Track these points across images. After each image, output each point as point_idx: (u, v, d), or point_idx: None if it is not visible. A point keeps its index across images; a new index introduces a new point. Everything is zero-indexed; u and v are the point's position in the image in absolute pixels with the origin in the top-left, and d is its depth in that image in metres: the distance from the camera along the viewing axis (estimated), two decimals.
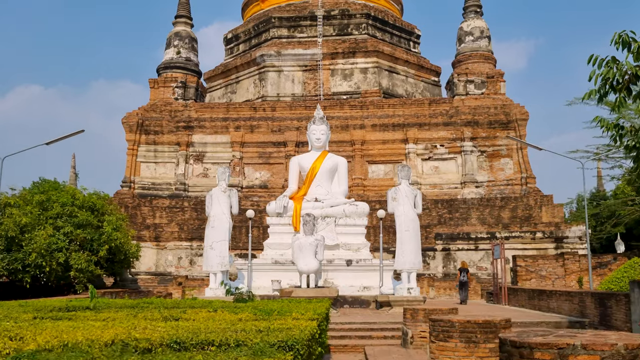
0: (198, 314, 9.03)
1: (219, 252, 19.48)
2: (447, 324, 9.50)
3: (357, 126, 35.79)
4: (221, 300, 12.39)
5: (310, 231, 18.82)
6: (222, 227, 19.65)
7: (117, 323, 7.30)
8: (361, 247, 23.05)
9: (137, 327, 6.69)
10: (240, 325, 6.90)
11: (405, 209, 19.70)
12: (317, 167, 24.16)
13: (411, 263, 19.56)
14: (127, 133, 36.28)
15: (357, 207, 23.44)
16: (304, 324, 7.15)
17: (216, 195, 20.13)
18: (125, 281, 26.74)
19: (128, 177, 36.10)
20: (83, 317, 8.65)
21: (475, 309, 20.10)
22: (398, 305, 19.23)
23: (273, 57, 38.47)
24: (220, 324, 7.16)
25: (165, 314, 8.84)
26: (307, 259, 18.46)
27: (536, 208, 34.00)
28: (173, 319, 8.45)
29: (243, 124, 36.15)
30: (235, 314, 8.98)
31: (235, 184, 35.74)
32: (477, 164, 35.63)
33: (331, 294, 18.12)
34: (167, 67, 38.10)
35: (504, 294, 22.92)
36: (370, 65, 38.42)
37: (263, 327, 6.71)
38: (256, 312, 9.03)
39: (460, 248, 32.86)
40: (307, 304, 11.42)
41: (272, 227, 23.49)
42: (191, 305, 11.35)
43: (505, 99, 36.40)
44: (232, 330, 6.34)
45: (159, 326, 6.88)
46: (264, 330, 6.41)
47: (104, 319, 8.19)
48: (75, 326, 6.81)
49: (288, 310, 9.57)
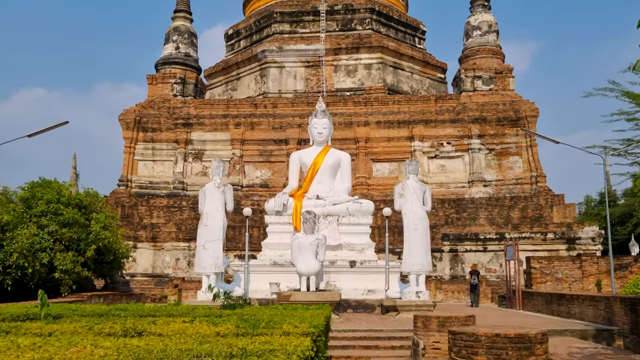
0: (169, 325, 7.29)
1: (213, 252, 17.71)
2: (470, 338, 7.72)
3: (361, 123, 34.03)
4: (207, 307, 10.65)
5: (311, 230, 17.04)
6: (215, 226, 17.88)
7: (52, 341, 5.56)
8: (365, 247, 21.27)
9: (71, 349, 4.95)
10: (210, 346, 5.14)
11: (413, 206, 17.91)
12: (319, 163, 22.41)
13: (420, 264, 17.74)
14: (124, 130, 34.60)
15: (361, 205, 21.66)
16: (294, 343, 5.40)
17: (210, 191, 18.37)
18: (116, 283, 25.01)
19: (125, 176, 34.41)
20: (25, 330, 6.91)
21: (490, 315, 18.30)
22: (405, 311, 17.44)
23: (275, 52, 36.76)
24: (185, 343, 5.41)
25: (130, 325, 7.09)
26: (307, 260, 16.68)
27: (547, 208, 32.16)
28: (134, 334, 6.71)
29: (243, 121, 34.43)
30: (215, 325, 7.24)
31: (236, 182, 34.01)
32: (485, 162, 33.82)
33: (333, 298, 16.34)
34: (166, 62, 36.40)
35: (518, 298, 21.11)
36: (374, 61, 36.66)
37: (239, 348, 4.96)
38: (240, 324, 7.28)
39: (468, 249, 31.06)
40: (304, 312, 9.66)
41: (271, 226, 21.73)
42: (169, 312, 9.60)
43: (514, 95, 34.59)
44: (194, 356, 4.59)
45: (102, 346, 5.14)
46: (236, 356, 4.65)
47: (45, 334, 6.45)
48: None
49: (280, 320, 7.82)
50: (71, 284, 19.60)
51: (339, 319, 16.39)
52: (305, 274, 16.74)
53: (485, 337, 7.56)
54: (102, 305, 11.06)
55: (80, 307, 10.48)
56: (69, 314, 9.28)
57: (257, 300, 20.10)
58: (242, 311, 9.90)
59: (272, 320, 7.69)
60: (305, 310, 10.10)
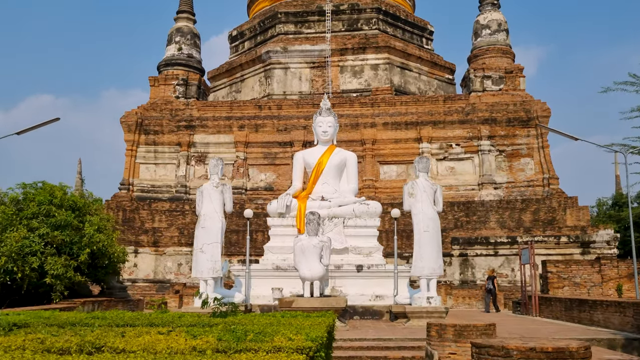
0: (139, 338, 5.99)
1: (211, 256, 16.40)
2: (499, 353, 6.40)
3: (367, 125, 32.74)
4: (197, 314, 9.36)
5: (315, 231, 15.72)
6: (214, 227, 16.59)
7: None
8: (373, 250, 19.93)
9: None
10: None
11: (423, 206, 16.56)
12: (324, 163, 21.11)
13: (431, 268, 16.37)
14: (126, 133, 33.44)
15: (368, 207, 20.34)
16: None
17: (207, 191, 17.09)
18: (113, 289, 23.74)
19: (126, 179, 33.22)
20: None
21: (506, 322, 16.92)
22: (416, 317, 16.08)
23: (279, 53, 35.57)
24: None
25: (90, 339, 5.80)
26: (311, 264, 15.37)
27: (560, 210, 30.71)
28: (91, 350, 5.43)
29: (247, 123, 33.21)
30: (194, 337, 5.95)
31: (239, 186, 32.78)
32: (495, 164, 32.43)
33: (338, 305, 15.02)
34: (168, 64, 35.27)
35: (535, 304, 19.69)
36: (381, 61, 35.40)
37: None
38: (224, 336, 5.98)
39: (478, 254, 29.66)
40: (304, 320, 8.35)
41: (273, 229, 20.43)
42: (150, 322, 8.32)
43: (525, 95, 33.21)
44: None
45: None
46: None
47: None
48: None
49: (272, 330, 6.52)
50: (63, 290, 18.34)
51: (344, 326, 15.07)
52: (308, 279, 15.43)
53: (518, 352, 6.24)
54: (80, 313, 9.78)
55: (54, 315, 9.21)
56: (35, 322, 8.01)
57: (258, 306, 18.79)
58: (233, 319, 8.59)
59: (263, 332, 6.39)
60: (305, 318, 8.80)
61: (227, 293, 17.98)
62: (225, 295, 17.86)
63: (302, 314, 9.60)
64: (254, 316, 9.35)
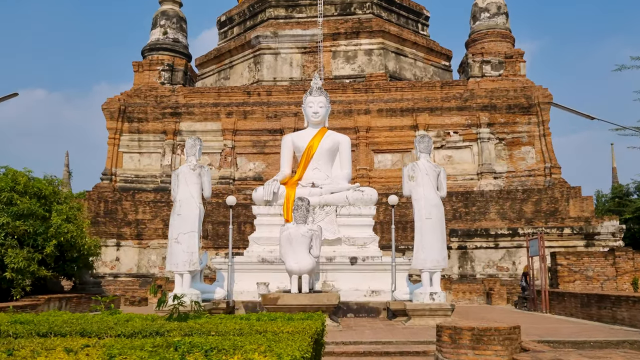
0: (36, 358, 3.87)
1: (187, 247, 14.23)
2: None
3: (361, 111, 30.62)
4: (150, 317, 7.26)
5: (303, 219, 13.61)
6: (190, 215, 14.43)
7: None
8: (368, 241, 17.84)
9: None
10: None
11: (425, 190, 14.46)
12: (315, 147, 18.99)
13: (434, 260, 14.26)
14: (108, 121, 31.19)
15: (363, 194, 18.24)
16: None
17: (184, 174, 14.91)
18: (86, 284, 21.57)
19: (109, 169, 30.99)
20: None
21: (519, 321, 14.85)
22: (417, 316, 14.00)
23: (269, 38, 33.37)
24: None
25: None
26: (299, 255, 13.26)
27: (563, 201, 28.71)
28: None
29: (235, 110, 31.02)
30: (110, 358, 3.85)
31: (227, 175, 30.62)
32: (495, 152, 30.39)
33: (330, 301, 12.92)
34: (153, 48, 32.99)
35: (545, 300, 17.65)
36: (375, 46, 33.25)
37: None
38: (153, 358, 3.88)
39: (478, 246, 27.65)
40: (284, 325, 6.26)
41: (259, 218, 18.30)
42: (83, 329, 6.19)
43: (525, 81, 31.16)
44: None
45: None
46: None
47: None
48: None
49: (232, 345, 4.41)
50: (25, 285, 16.18)
51: (337, 326, 12.97)
52: (296, 272, 13.31)
53: None
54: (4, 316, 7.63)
55: None
56: None
57: (242, 303, 16.68)
58: (193, 324, 6.48)
59: (217, 347, 4.29)
60: (286, 322, 6.70)
61: (207, 288, 15.86)
62: (205, 290, 15.75)
63: (283, 316, 7.49)
64: (221, 319, 7.23)
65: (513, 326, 8.27)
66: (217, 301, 15.37)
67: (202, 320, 6.78)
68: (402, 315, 15.20)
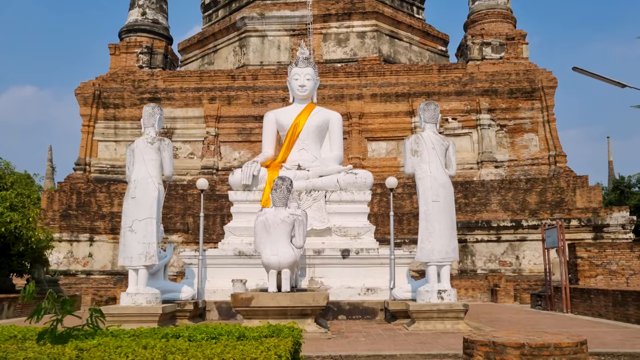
0: None
1: (143, 237, 11.36)
2: None
3: (353, 96, 27.84)
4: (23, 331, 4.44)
5: (284, 201, 10.80)
6: (147, 198, 11.54)
7: None
8: (362, 232, 15.05)
9: None
10: None
11: (432, 167, 11.67)
12: (301, 124, 16.17)
13: (443, 251, 11.43)
14: (82, 107, 28.23)
15: (356, 177, 15.45)
16: None
17: (140, 149, 12.01)
18: (40, 283, 18.63)
19: (82, 159, 28.04)
20: None
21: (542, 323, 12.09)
22: (423, 319, 11.19)
23: (256, 20, 30.51)
24: None
25: None
26: (278, 246, 10.45)
27: (569, 191, 26.04)
28: None
29: (219, 95, 28.14)
30: None
31: (210, 165, 27.74)
32: (496, 140, 27.69)
33: (317, 302, 10.13)
34: (131, 30, 30.04)
35: (565, 298, 14.90)
36: (368, 28, 30.46)
37: None
38: None
39: (479, 239, 24.95)
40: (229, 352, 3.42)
41: (236, 205, 15.45)
42: None
43: (528, 64, 28.45)
44: None
45: None
46: None
47: None
48: None
49: None
50: None
51: (325, 333, 10.16)
52: (274, 267, 10.48)
53: None
54: None
55: None
56: None
57: (215, 304, 13.85)
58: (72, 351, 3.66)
59: None
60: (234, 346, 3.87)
61: (172, 287, 13.00)
62: (169, 289, 12.90)
63: (234, 331, 4.64)
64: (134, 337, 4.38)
65: (579, 341, 5.47)
66: (182, 302, 12.53)
67: (92, 342, 3.93)
68: (403, 317, 12.45)
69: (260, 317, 10.28)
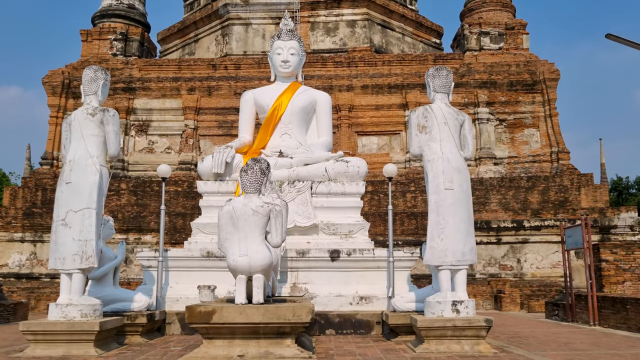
0: None
1: (79, 232, 8.62)
2: None
3: (343, 88, 25.30)
4: None
5: (256, 186, 8.17)
6: (85, 183, 8.81)
7: None
8: (355, 229, 12.44)
9: None
10: None
11: (444, 147, 9.11)
12: (284, 105, 13.55)
13: (458, 252, 8.80)
14: (50, 97, 25.43)
15: (347, 165, 12.84)
16: None
17: (78, 122, 9.30)
18: None
19: (50, 153, 25.24)
20: None
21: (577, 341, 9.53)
22: (434, 337, 8.55)
23: (239, 7, 27.89)
24: None
25: None
26: (249, 244, 7.81)
27: (573, 190, 23.66)
28: None
29: (199, 85, 25.48)
30: None
31: (189, 160, 25.04)
32: (495, 135, 25.29)
33: (298, 318, 7.47)
34: (104, 15, 27.30)
35: (592, 308, 12.37)
36: (359, 17, 27.96)
37: None
38: None
39: (478, 241, 22.25)
40: None
41: (206, 198, 12.75)
42: None
43: (529, 55, 26.10)
44: None
45: None
46: None
47: None
48: None
49: None
50: None
51: (308, 359, 7.49)
52: (243, 271, 7.82)
53: None
54: None
55: None
56: None
57: (177, 315, 11.13)
58: None
59: None
60: None
61: (123, 295, 10.27)
62: (119, 299, 10.18)
63: None
64: None
65: None
66: (133, 314, 9.80)
67: None
68: (405, 332, 9.85)
69: (224, 337, 7.66)
